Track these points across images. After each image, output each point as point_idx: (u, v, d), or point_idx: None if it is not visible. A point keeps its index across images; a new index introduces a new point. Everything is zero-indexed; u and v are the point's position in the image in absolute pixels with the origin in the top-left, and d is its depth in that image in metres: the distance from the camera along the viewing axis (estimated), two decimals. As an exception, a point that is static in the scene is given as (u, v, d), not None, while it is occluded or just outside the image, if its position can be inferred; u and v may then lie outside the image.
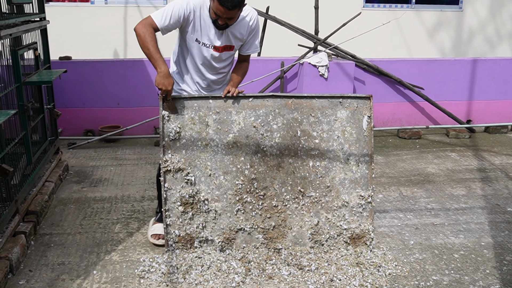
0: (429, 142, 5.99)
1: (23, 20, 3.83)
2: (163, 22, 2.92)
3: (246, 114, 3.13)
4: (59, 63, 5.49)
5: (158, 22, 2.91)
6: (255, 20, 3.13)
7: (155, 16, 2.92)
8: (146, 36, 2.88)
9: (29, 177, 3.72)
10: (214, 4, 2.83)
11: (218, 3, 2.80)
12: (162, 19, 2.91)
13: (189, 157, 3.12)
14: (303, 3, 7.39)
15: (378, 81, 6.18)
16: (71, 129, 5.78)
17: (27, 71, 3.98)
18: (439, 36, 8.66)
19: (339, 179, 3.24)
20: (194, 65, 3.15)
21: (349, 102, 3.21)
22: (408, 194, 4.36)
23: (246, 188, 3.18)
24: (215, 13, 2.87)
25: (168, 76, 2.94)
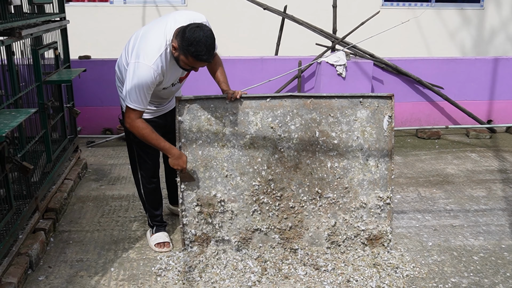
0: (448, 142, 5.91)
1: (44, 20, 3.88)
2: (144, 105, 2.83)
3: (263, 115, 3.12)
4: (79, 62, 5.55)
5: (142, 108, 2.83)
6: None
7: (134, 105, 2.79)
8: (141, 133, 2.87)
9: (48, 174, 3.76)
10: (190, 60, 2.72)
11: (195, 59, 2.69)
12: (142, 104, 2.81)
13: (206, 158, 3.12)
14: (321, 2, 7.35)
15: (397, 81, 6.12)
16: (89, 127, 5.84)
17: (47, 70, 4.03)
18: (460, 35, 8.55)
19: (358, 180, 3.21)
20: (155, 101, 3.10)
21: (370, 102, 3.18)
22: (427, 195, 4.31)
23: (263, 189, 3.17)
24: (189, 65, 2.79)
25: (181, 156, 3.00)
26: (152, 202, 3.37)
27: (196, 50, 2.66)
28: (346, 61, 5.72)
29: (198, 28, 2.66)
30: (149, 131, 2.87)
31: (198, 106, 3.07)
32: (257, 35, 7.40)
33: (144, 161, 3.24)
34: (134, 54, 2.81)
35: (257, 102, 3.11)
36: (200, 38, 2.64)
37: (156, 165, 3.29)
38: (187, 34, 2.65)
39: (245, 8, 6.34)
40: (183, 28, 2.71)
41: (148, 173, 3.28)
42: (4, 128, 2.51)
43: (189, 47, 2.66)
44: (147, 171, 3.27)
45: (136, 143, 3.19)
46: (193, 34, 2.64)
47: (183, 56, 2.73)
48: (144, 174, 3.28)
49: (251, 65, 5.85)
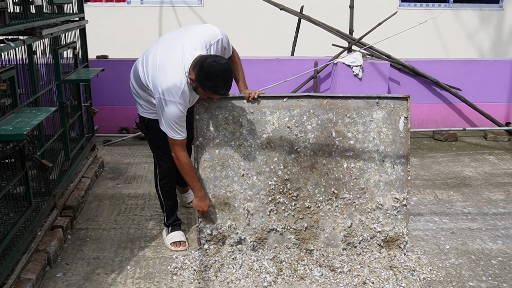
0: (466, 144, 5.85)
1: (63, 20, 3.92)
2: (183, 133, 2.91)
3: (280, 115, 3.12)
4: (96, 61, 5.60)
5: (183, 137, 2.92)
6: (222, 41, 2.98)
7: (176, 137, 2.90)
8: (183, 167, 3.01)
9: (66, 173, 3.81)
10: (208, 93, 2.79)
11: (213, 93, 2.76)
12: (181, 133, 2.90)
13: (223, 157, 3.13)
14: (338, 3, 7.32)
15: (414, 82, 6.07)
16: (106, 126, 5.90)
17: (66, 70, 4.08)
18: (478, 36, 8.45)
19: (374, 181, 3.20)
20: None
21: (386, 103, 3.16)
22: (444, 197, 4.27)
23: (279, 189, 3.17)
24: (207, 96, 2.87)
25: (205, 199, 3.10)
26: (169, 201, 3.39)
27: (214, 85, 2.70)
28: (362, 62, 5.69)
29: (215, 63, 2.66)
30: (189, 168, 3.02)
31: (216, 105, 3.09)
32: (274, 36, 7.40)
33: (161, 162, 3.26)
34: (156, 87, 2.84)
35: (274, 101, 3.12)
36: (218, 74, 2.67)
37: (172, 168, 3.27)
38: (204, 70, 2.67)
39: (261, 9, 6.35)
40: (200, 62, 2.70)
41: (164, 174, 3.30)
42: (25, 126, 2.54)
43: (206, 82, 2.70)
44: (163, 172, 3.29)
45: (153, 145, 3.24)
46: (210, 70, 2.66)
47: (200, 89, 2.78)
48: (160, 175, 3.31)
49: (267, 65, 5.86)
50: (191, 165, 3.04)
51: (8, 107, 2.95)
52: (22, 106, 2.96)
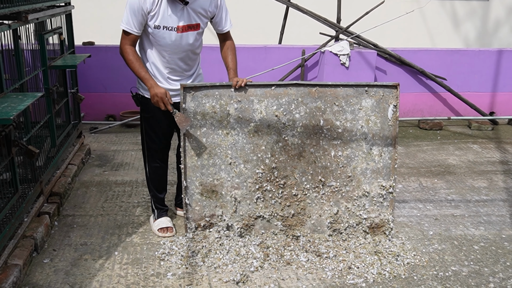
0: (450, 133, 5.93)
1: (49, 5, 3.87)
2: (133, 25, 2.94)
3: (268, 103, 3.13)
4: (83, 48, 5.55)
5: (130, 29, 2.95)
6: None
7: (124, 26, 2.96)
8: (128, 60, 2.99)
9: (53, 159, 3.79)
10: None
11: None
12: (130, 25, 2.94)
13: (210, 145, 3.14)
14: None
15: (400, 71, 6.13)
16: (93, 113, 5.86)
17: (52, 55, 4.04)
18: (464, 26, 8.52)
19: (361, 169, 3.24)
20: (160, 58, 3.07)
21: (375, 91, 3.19)
22: (428, 185, 4.33)
23: (266, 177, 3.19)
24: None
25: (157, 86, 2.97)
26: (156, 182, 3.40)
27: None
28: (349, 51, 5.71)
29: None
30: (132, 57, 2.98)
31: (203, 93, 3.08)
32: (261, 24, 7.38)
33: (152, 141, 3.26)
34: None
35: (262, 90, 3.12)
36: None
37: (163, 149, 3.31)
38: None
39: (249, -4, 6.32)
40: None
41: (154, 154, 3.30)
42: (11, 111, 2.53)
43: None
44: (153, 151, 3.29)
45: (145, 121, 3.22)
46: None
47: None
48: (149, 154, 3.31)
49: (255, 53, 5.86)
50: (137, 56, 3.01)
51: (-7, 92, 2.93)
52: (8, 92, 2.94)
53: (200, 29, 3.06)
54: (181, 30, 2.98)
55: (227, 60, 3.19)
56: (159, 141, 3.26)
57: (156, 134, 3.23)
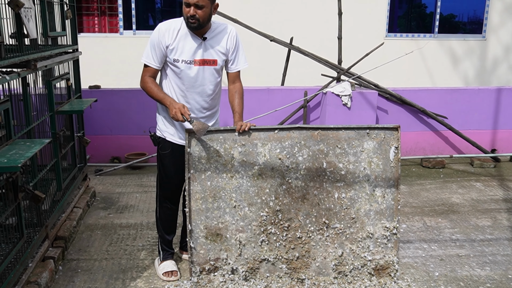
0: (453, 171, 5.95)
1: (58, 52, 3.98)
2: (152, 59, 3.09)
3: (271, 146, 3.18)
4: (89, 92, 5.66)
5: (150, 63, 3.10)
6: (234, 32, 3.18)
7: (145, 59, 3.12)
8: (147, 87, 3.12)
9: (58, 203, 3.82)
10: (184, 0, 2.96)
11: None
12: (148, 58, 3.10)
13: (214, 189, 3.17)
14: (326, 34, 7.50)
15: (401, 110, 6.20)
16: (98, 155, 5.92)
17: (59, 100, 4.13)
18: (463, 65, 8.67)
19: (364, 210, 3.25)
20: (180, 93, 3.14)
21: (376, 133, 3.24)
22: (432, 224, 4.33)
23: (271, 220, 3.21)
24: (186, 5, 2.95)
25: (176, 102, 3.04)
26: (165, 224, 3.42)
27: None
28: (351, 92, 5.81)
29: None
30: (151, 84, 3.11)
31: (208, 137, 3.13)
32: (264, 66, 7.53)
33: (165, 181, 3.33)
34: None
35: (266, 133, 3.18)
36: None
37: (175, 191, 3.36)
38: None
39: (252, 40, 6.47)
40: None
41: (166, 195, 3.36)
42: (19, 158, 2.58)
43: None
44: (166, 192, 3.36)
45: (161, 161, 3.29)
46: None
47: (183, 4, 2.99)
48: (161, 194, 3.37)
49: (258, 95, 5.95)
50: (156, 84, 3.14)
51: (2, 138, 2.99)
52: (16, 138, 3.00)
53: (218, 66, 3.15)
54: (198, 63, 3.08)
55: (234, 103, 3.25)
56: (172, 182, 3.32)
57: (170, 175, 3.29)
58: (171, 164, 3.26)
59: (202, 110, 3.21)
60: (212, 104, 3.25)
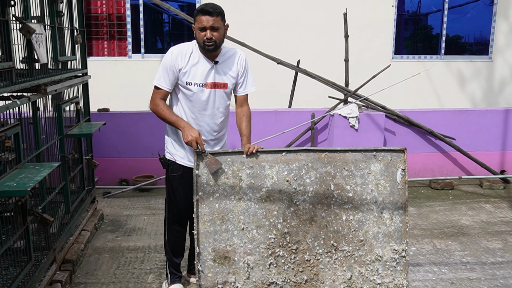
0: (462, 193, 5.90)
1: (67, 76, 4.04)
2: (164, 82, 3.13)
3: (279, 168, 3.18)
4: (98, 114, 5.72)
5: (161, 85, 3.14)
6: (243, 56, 3.27)
7: (156, 82, 3.15)
8: (158, 110, 3.14)
9: (67, 226, 3.82)
10: (198, 21, 3.01)
11: (201, 14, 2.99)
12: (160, 80, 3.14)
13: (222, 211, 3.17)
14: (333, 56, 7.55)
15: (409, 132, 6.20)
16: (106, 178, 5.94)
17: (68, 123, 4.17)
18: (470, 86, 8.66)
19: (373, 232, 3.23)
20: (190, 115, 3.18)
21: (383, 155, 3.23)
22: (442, 247, 4.28)
23: (279, 242, 3.19)
24: (200, 29, 3.01)
25: (191, 127, 3.07)
26: (173, 246, 3.42)
27: (200, 7, 3.02)
28: (358, 113, 5.82)
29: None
30: (163, 107, 3.14)
31: (215, 160, 3.14)
32: (271, 88, 7.58)
33: (174, 204, 3.34)
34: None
35: (273, 156, 3.19)
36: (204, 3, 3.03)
37: (182, 214, 3.37)
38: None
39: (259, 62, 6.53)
40: None
41: (175, 218, 3.37)
42: (28, 182, 2.60)
43: (196, 10, 3.04)
44: (174, 215, 3.37)
45: (170, 184, 3.31)
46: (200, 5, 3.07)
47: (196, 23, 3.04)
48: (170, 216, 3.38)
49: (265, 117, 5.98)
50: (166, 105, 3.16)
51: (11, 162, 3.01)
52: (25, 162, 3.02)
53: (228, 89, 3.22)
54: (209, 86, 3.14)
55: (241, 126, 3.29)
56: (181, 205, 3.33)
57: (179, 197, 3.30)
58: (181, 186, 3.28)
59: (212, 132, 3.24)
60: (221, 127, 3.30)
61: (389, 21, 8.22)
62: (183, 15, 6.04)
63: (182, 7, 8.40)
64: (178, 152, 3.26)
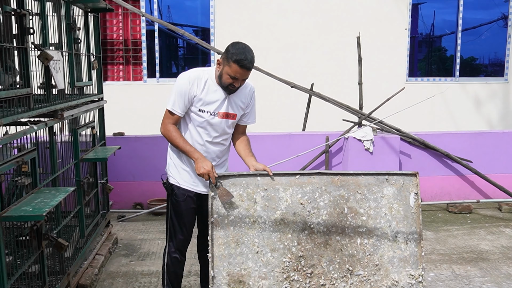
0: (480, 217, 5.80)
1: (83, 101, 4.10)
2: (178, 107, 3.08)
3: (293, 191, 3.17)
4: (113, 138, 5.77)
5: (176, 110, 3.09)
6: (253, 89, 3.27)
7: (171, 107, 3.09)
8: (171, 136, 3.11)
9: (81, 250, 3.83)
10: (232, 68, 2.95)
11: (238, 66, 2.94)
12: (175, 106, 3.08)
13: (237, 234, 3.15)
14: (347, 79, 7.57)
15: (425, 155, 6.14)
16: (121, 201, 5.96)
17: (83, 148, 4.21)
18: (486, 108, 8.59)
19: (388, 257, 3.18)
20: (197, 141, 3.16)
21: (395, 179, 3.21)
22: (461, 272, 4.19)
23: (294, 266, 3.16)
24: (232, 77, 2.98)
25: (204, 159, 3.06)
26: (173, 276, 3.33)
27: (239, 57, 2.94)
28: (373, 136, 5.79)
29: (240, 42, 3.02)
30: (176, 134, 3.10)
31: (231, 182, 3.15)
32: (285, 112, 7.60)
33: (178, 232, 3.28)
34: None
35: (287, 178, 3.18)
36: (243, 48, 2.97)
37: (186, 242, 3.32)
38: (230, 47, 3.00)
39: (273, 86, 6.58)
40: (227, 46, 3.03)
41: (178, 246, 3.30)
42: (44, 207, 2.62)
43: (233, 56, 2.95)
44: (178, 243, 3.30)
45: (173, 209, 3.25)
46: (236, 45, 2.98)
47: (227, 66, 2.98)
48: (172, 245, 3.31)
49: (279, 140, 5.98)
50: (179, 132, 3.13)
51: (28, 186, 3.05)
52: (41, 186, 3.05)
53: (236, 119, 3.22)
54: (221, 116, 3.14)
55: (246, 149, 3.28)
56: (185, 232, 3.28)
57: (183, 223, 3.26)
58: (185, 211, 3.22)
59: (216, 158, 3.24)
60: (224, 153, 3.30)
61: (402, 44, 8.23)
62: (197, 40, 6.12)
63: (197, 32, 8.52)
64: (182, 176, 3.22)
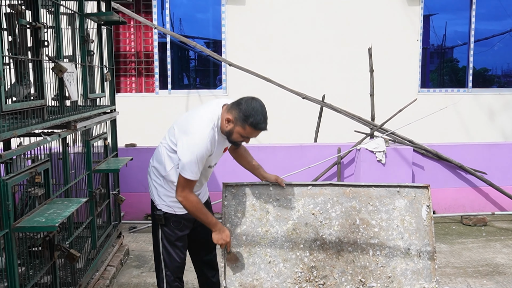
0: (496, 229, 5.71)
1: (96, 112, 4.13)
2: (197, 174, 2.80)
3: (305, 202, 3.17)
4: (125, 150, 5.80)
5: (195, 177, 2.80)
6: None
7: (189, 175, 2.77)
8: (197, 209, 2.87)
9: (93, 261, 3.83)
10: (247, 130, 2.76)
11: (254, 128, 2.75)
12: (196, 174, 2.79)
13: (250, 243, 3.15)
14: (359, 91, 7.55)
15: (438, 166, 6.08)
16: (132, 212, 5.97)
17: (96, 159, 4.24)
18: (500, 119, 8.50)
19: (401, 269, 3.14)
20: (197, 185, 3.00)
21: (407, 192, 3.20)
22: (477, 286, 4.12)
23: (306, 277, 3.13)
24: (244, 137, 2.82)
25: (224, 230, 2.95)
26: None
27: (255, 120, 2.72)
28: (385, 148, 5.75)
29: (254, 100, 2.77)
30: (201, 205, 2.89)
31: (244, 192, 3.18)
32: (297, 123, 7.59)
33: (172, 258, 3.04)
34: (182, 132, 2.84)
35: (299, 189, 3.18)
36: (258, 108, 2.74)
37: (183, 264, 3.10)
38: (243, 106, 2.75)
39: (284, 97, 6.58)
40: (238, 101, 2.79)
41: (176, 272, 3.06)
42: (57, 218, 2.62)
43: (247, 118, 2.73)
44: (174, 269, 3.05)
45: (166, 238, 3.02)
46: (250, 105, 2.74)
47: (239, 127, 2.77)
48: (170, 273, 3.05)
49: (291, 152, 5.97)
50: (201, 203, 2.91)
51: (41, 197, 3.07)
52: (54, 197, 3.07)
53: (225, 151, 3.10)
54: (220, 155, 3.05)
55: (251, 161, 3.21)
56: (180, 258, 3.07)
57: (177, 249, 3.04)
58: (180, 238, 3.04)
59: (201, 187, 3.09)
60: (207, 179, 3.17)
61: (414, 55, 8.20)
62: (209, 52, 6.16)
63: (208, 44, 8.58)
64: (176, 203, 2.93)
